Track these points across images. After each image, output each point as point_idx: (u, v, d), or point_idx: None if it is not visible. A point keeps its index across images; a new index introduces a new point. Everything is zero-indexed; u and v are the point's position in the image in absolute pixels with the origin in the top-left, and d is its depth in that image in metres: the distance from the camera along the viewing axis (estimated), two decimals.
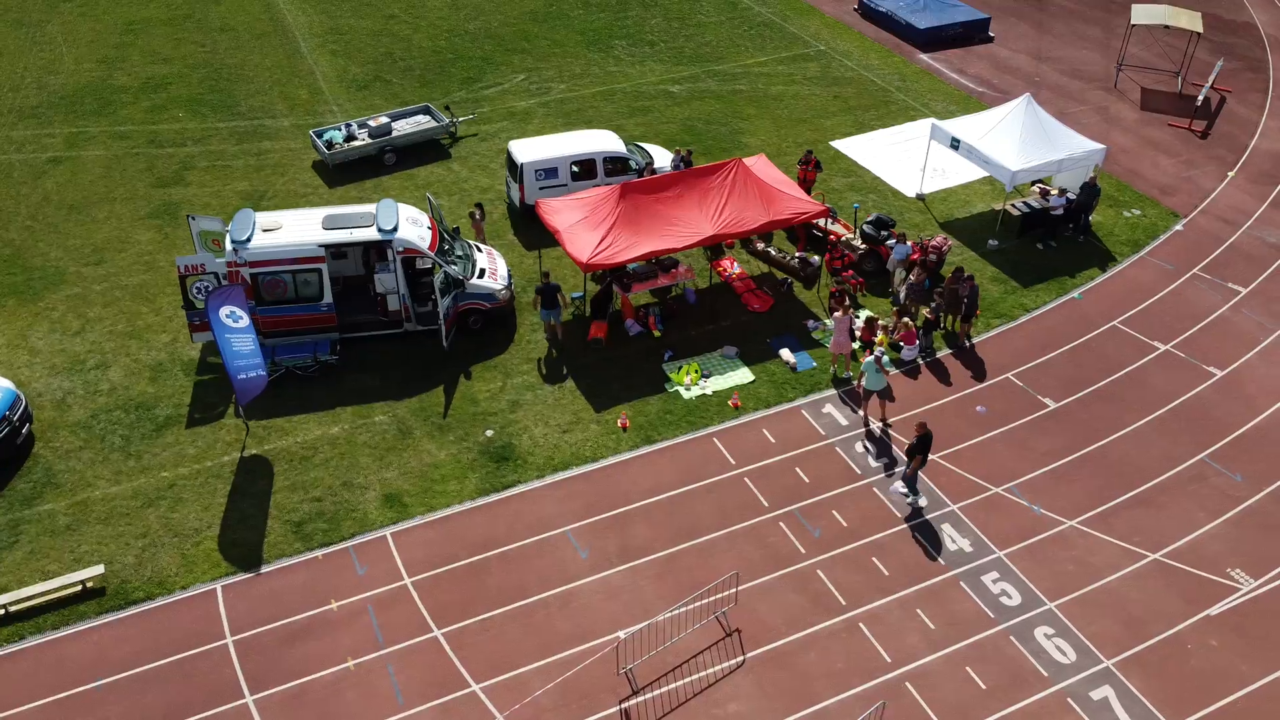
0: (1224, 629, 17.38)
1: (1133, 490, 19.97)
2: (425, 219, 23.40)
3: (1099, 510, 19.55)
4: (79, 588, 17.80)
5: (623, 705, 16.23)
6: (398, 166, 30.14)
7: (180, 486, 19.86)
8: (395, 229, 22.23)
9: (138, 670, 16.61)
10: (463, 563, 18.48)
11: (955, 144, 27.23)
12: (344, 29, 38.80)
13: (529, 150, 27.01)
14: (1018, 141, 26.06)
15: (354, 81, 35.01)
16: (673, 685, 16.53)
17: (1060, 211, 26.72)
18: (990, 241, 26.96)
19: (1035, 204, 27.21)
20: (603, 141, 27.47)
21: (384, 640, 17.14)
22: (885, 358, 20.66)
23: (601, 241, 22.48)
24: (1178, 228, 27.80)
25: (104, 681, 16.44)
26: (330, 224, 22.37)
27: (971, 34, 38.41)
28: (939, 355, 23.40)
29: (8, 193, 28.76)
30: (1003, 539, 19.00)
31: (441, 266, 22.37)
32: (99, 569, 17.92)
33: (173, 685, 16.39)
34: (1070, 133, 27.04)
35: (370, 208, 22.98)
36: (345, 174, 29.69)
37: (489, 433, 21.16)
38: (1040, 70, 36.27)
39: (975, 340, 23.79)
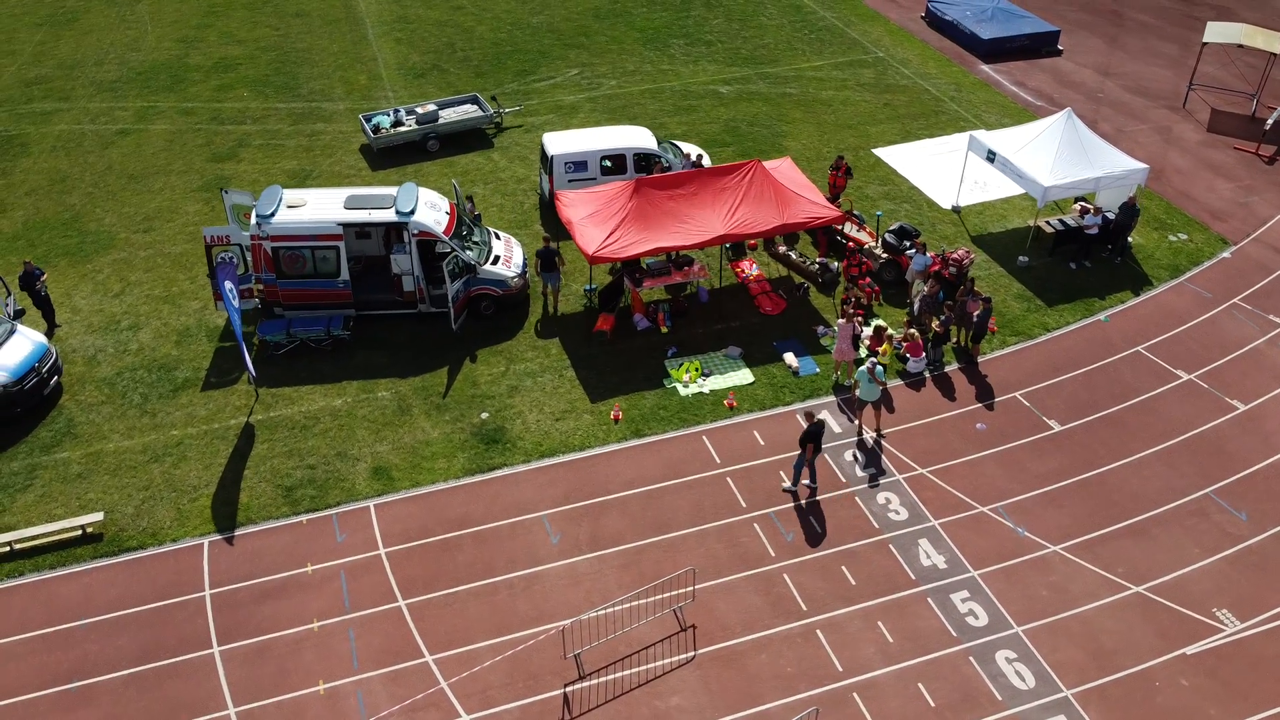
0: (1198, 670, 16.74)
1: (1126, 520, 19.34)
2: (445, 204, 24.02)
3: (1086, 537, 19.00)
4: (79, 532, 18.88)
5: (567, 688, 16.49)
6: (440, 153, 30.91)
7: (186, 445, 20.86)
8: (412, 212, 22.89)
9: (119, 613, 17.55)
10: (437, 538, 18.98)
11: (991, 156, 26.68)
12: (411, 18, 39.91)
13: (561, 143, 27.43)
14: (1053, 157, 25.39)
15: (412, 69, 36.01)
16: (620, 674, 16.72)
17: (1095, 231, 25.93)
18: (1020, 258, 26.33)
19: (1071, 222, 26.47)
20: (635, 138, 27.71)
21: (350, 606, 17.75)
22: (879, 368, 20.43)
23: (611, 235, 22.76)
24: (1224, 255, 26.71)
25: (87, 621, 17.42)
26: (351, 204, 23.15)
27: (1038, 46, 37.46)
28: (947, 369, 23.00)
29: (77, 161, 30.49)
30: (980, 558, 18.63)
31: (454, 251, 22.94)
32: (99, 516, 18.99)
33: (148, 630, 17.28)
34: (1112, 150, 26.22)
35: (392, 190, 23.71)
36: (389, 158, 30.60)
37: (484, 415, 21.64)
38: (1105, 86, 35.16)
39: (988, 357, 23.30)
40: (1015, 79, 35.76)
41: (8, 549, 18.56)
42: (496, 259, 24.04)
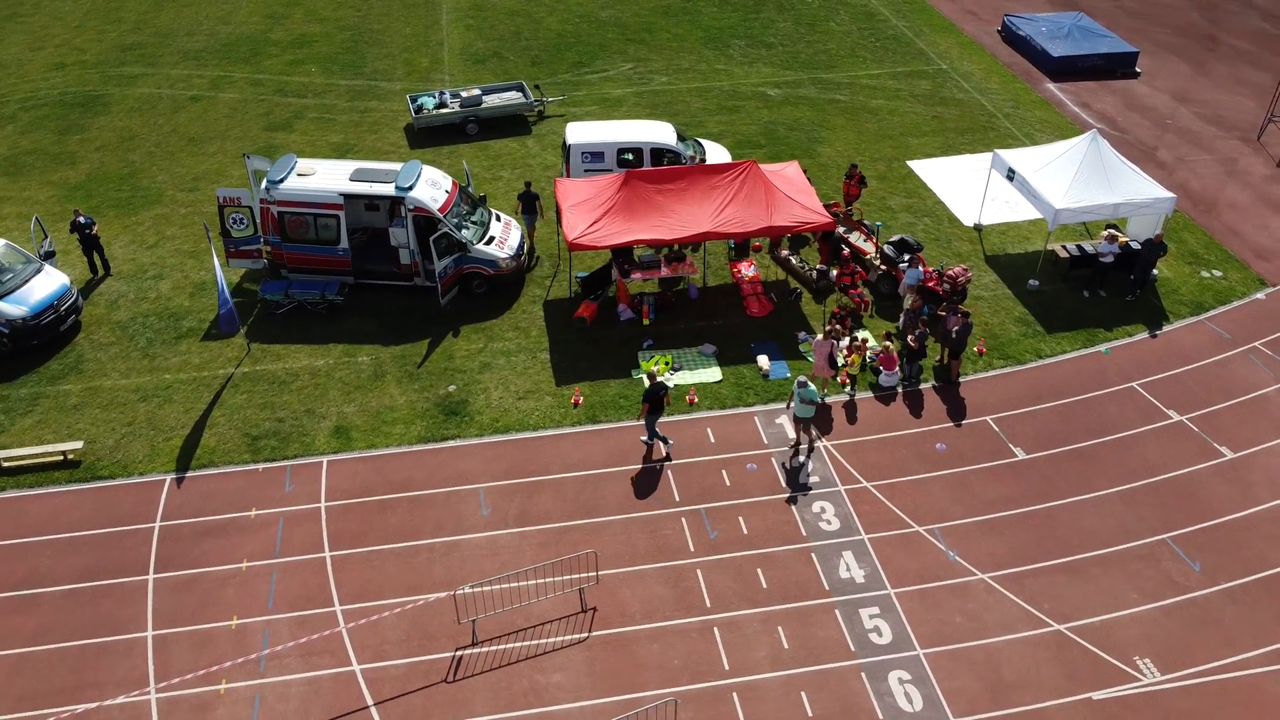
0: (1099, 716, 16.04)
1: (1066, 556, 18.62)
2: (447, 183, 24.85)
3: (1017, 569, 18.40)
4: (60, 457, 20.50)
5: (458, 652, 17.04)
6: (478, 137, 31.89)
7: (174, 389, 22.33)
8: (410, 188, 23.82)
9: (75, 534, 19.02)
10: (376, 498, 19.81)
11: (1010, 175, 25.89)
12: (485, 5, 41.14)
13: (581, 133, 27.93)
14: (1070, 179, 24.47)
15: (474, 55, 37.18)
16: (511, 645, 17.16)
17: (1109, 259, 24.84)
18: (1030, 281, 25.46)
19: (1089, 248, 25.46)
20: (654, 133, 27.95)
21: (280, 551, 18.73)
22: (810, 388, 19.91)
23: (594, 224, 23.16)
24: (1258, 296, 25.19)
25: (46, 538, 18.95)
26: (356, 176, 24.26)
27: (1113, 67, 35.90)
28: (923, 387, 22.51)
29: (147, 121, 32.77)
30: (900, 577, 18.27)
31: (444, 227, 23.75)
32: (79, 444, 20.57)
33: (97, 552, 18.67)
34: (1139, 177, 25.06)
35: (397, 166, 24.70)
36: (428, 138, 31.75)
37: (451, 388, 22.38)
38: (1176, 113, 33.46)
39: (970, 378, 22.69)
40: (1080, 100, 34.39)
41: None
42: (491, 239, 24.75)
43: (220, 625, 17.44)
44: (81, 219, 24.97)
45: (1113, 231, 25.85)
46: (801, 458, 20.54)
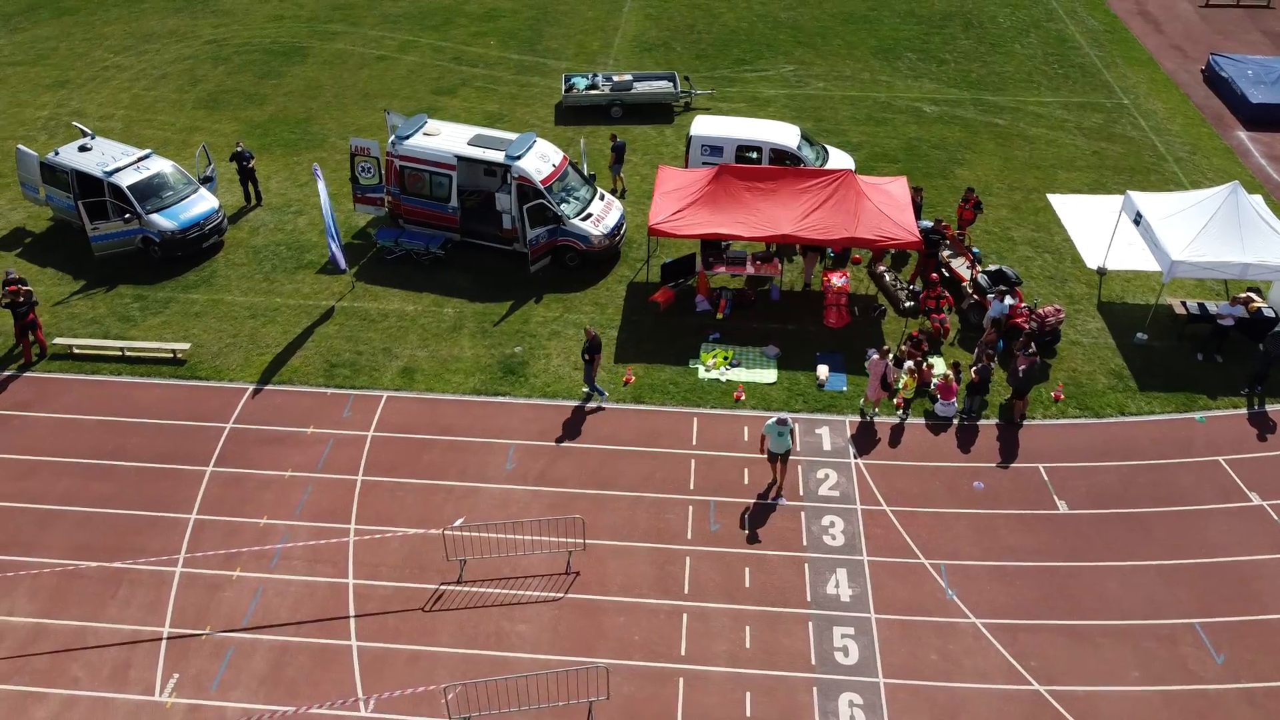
0: None
1: (1073, 619, 17.54)
2: (556, 157, 25.98)
3: (1015, 621, 17.51)
4: (171, 354, 23.26)
5: (442, 586, 18.19)
6: (621, 120, 32.94)
7: (279, 311, 24.72)
8: (519, 158, 25.14)
9: (162, 421, 21.59)
10: (418, 436, 21.27)
11: (1138, 219, 24.22)
12: None
13: (705, 126, 28.38)
14: (1197, 231, 22.61)
15: (644, 43, 38.26)
16: (491, 590, 18.12)
17: (1229, 322, 22.82)
18: (1138, 335, 23.78)
19: (1211, 308, 23.50)
20: (777, 133, 27.96)
21: (322, 468, 20.53)
22: (790, 424, 19.38)
23: (676, 213, 23.66)
24: None
25: (140, 420, 21.62)
26: (474, 141, 25.87)
27: None
28: (981, 423, 21.61)
29: (333, 74, 35.96)
30: (887, 604, 17.82)
31: (543, 198, 24.92)
32: (186, 346, 23.26)
33: (174, 439, 21.14)
34: None
35: (513, 136, 26.10)
36: (572, 116, 33.12)
37: (518, 349, 23.57)
38: None
39: (1036, 422, 21.58)
40: (1271, 152, 31.40)
41: (120, 353, 23.32)
42: (588, 216, 25.70)
43: (251, 521, 19.39)
44: (240, 149, 27.95)
45: (1250, 295, 23.74)
46: (773, 495, 19.98)
